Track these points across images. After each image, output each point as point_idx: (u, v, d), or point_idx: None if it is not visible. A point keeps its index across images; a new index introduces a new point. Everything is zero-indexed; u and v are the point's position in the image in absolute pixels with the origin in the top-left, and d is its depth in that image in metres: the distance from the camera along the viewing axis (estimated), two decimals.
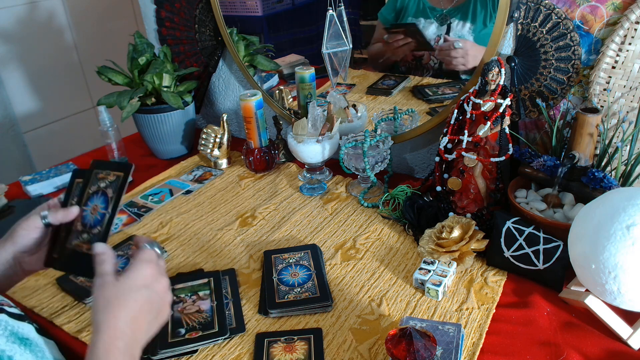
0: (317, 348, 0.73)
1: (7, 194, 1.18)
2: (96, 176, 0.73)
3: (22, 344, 0.56)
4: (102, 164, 0.75)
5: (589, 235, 0.70)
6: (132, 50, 1.32)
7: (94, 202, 0.71)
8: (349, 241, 0.98)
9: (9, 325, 0.56)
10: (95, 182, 0.73)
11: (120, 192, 0.70)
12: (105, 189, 0.71)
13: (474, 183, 0.95)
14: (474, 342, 0.73)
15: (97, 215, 0.70)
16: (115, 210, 0.69)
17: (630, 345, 0.72)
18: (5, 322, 0.56)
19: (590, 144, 0.86)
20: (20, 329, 0.57)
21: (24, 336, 0.57)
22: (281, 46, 1.42)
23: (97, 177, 0.73)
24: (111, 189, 0.71)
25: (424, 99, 1.21)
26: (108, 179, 0.72)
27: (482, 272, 0.87)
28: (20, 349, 0.55)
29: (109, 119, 1.29)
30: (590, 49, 0.91)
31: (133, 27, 2.16)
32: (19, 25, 1.79)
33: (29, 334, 0.58)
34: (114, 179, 0.71)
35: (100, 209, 0.70)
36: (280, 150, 1.31)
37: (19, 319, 0.59)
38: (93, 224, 0.70)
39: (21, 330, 0.57)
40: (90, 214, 0.70)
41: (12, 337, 0.55)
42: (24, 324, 0.59)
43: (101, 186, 0.72)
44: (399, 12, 1.16)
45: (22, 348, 0.55)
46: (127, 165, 0.71)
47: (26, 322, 0.60)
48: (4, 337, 0.55)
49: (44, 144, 1.95)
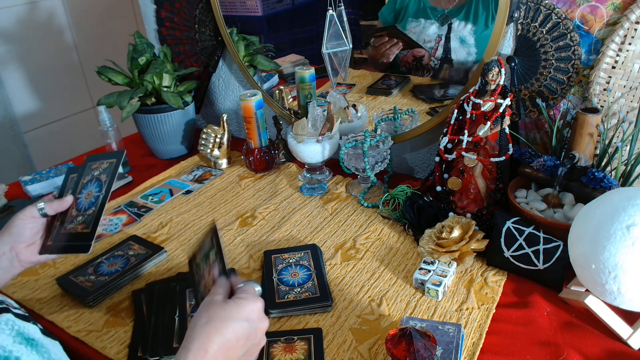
0: (317, 348, 0.73)
1: (7, 194, 1.18)
2: (90, 167, 0.77)
3: (28, 344, 0.56)
4: (95, 156, 0.78)
5: (589, 235, 0.70)
6: (132, 50, 1.32)
7: (88, 189, 0.75)
8: (349, 241, 0.98)
9: (16, 325, 0.56)
10: (89, 173, 0.76)
11: (113, 174, 0.74)
12: (99, 176, 0.75)
13: (474, 183, 0.95)
14: (474, 342, 0.73)
15: (91, 199, 0.74)
16: (108, 191, 0.72)
17: (630, 345, 0.72)
18: (12, 323, 0.56)
19: (590, 144, 0.86)
20: (26, 329, 0.57)
21: (29, 337, 0.57)
22: (281, 46, 1.42)
23: (90, 168, 0.77)
24: (105, 174, 0.74)
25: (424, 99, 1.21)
26: (101, 167, 0.75)
27: (482, 272, 0.87)
28: (27, 350, 0.55)
29: (109, 119, 1.29)
30: (590, 49, 0.91)
31: (133, 27, 2.16)
32: (19, 25, 1.79)
33: (35, 334, 0.58)
34: (107, 166, 0.75)
35: (95, 193, 0.74)
36: (280, 150, 1.31)
37: (24, 319, 0.59)
38: (87, 207, 0.74)
39: (27, 331, 0.57)
40: (85, 199, 0.74)
41: (19, 338, 0.55)
42: (29, 324, 0.59)
43: (95, 174, 0.76)
44: (399, 12, 1.16)
45: (29, 349, 0.55)
46: (119, 152, 0.76)
47: (31, 323, 0.60)
48: (11, 337, 0.55)
49: (44, 144, 1.95)
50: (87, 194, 0.75)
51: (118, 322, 0.81)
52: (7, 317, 0.56)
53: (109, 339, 0.77)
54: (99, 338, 0.78)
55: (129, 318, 0.81)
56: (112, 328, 0.79)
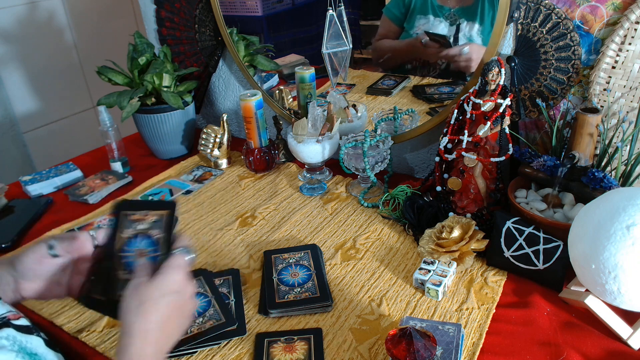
0: (317, 348, 0.73)
1: (7, 194, 1.18)
2: (128, 219, 0.66)
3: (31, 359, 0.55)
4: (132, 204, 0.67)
5: (589, 235, 0.70)
6: (132, 50, 1.32)
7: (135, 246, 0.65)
8: (349, 241, 0.98)
9: (17, 340, 0.56)
10: (128, 226, 0.65)
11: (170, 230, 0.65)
12: (148, 231, 0.65)
13: (474, 183, 0.95)
14: (474, 342, 0.73)
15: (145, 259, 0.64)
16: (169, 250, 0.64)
17: (630, 345, 0.72)
18: (13, 337, 0.55)
19: (590, 144, 0.86)
20: (29, 343, 0.57)
21: (32, 351, 0.56)
22: (281, 46, 1.42)
23: (129, 220, 0.66)
24: (157, 229, 0.65)
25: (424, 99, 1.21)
26: (147, 220, 0.66)
27: (482, 272, 0.87)
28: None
29: (109, 119, 1.29)
30: (590, 49, 0.91)
31: (133, 27, 2.16)
32: (19, 25, 1.79)
33: (38, 348, 0.57)
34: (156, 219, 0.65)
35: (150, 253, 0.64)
36: (280, 150, 1.31)
37: (26, 331, 0.58)
38: None
39: (30, 345, 0.57)
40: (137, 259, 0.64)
41: (22, 353, 0.55)
42: (32, 337, 0.58)
43: (139, 228, 0.66)
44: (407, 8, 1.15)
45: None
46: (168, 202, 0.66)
47: (34, 335, 0.59)
48: (14, 352, 0.54)
49: (44, 144, 1.95)
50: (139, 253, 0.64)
51: (118, 322, 0.81)
52: (7, 332, 0.55)
53: (109, 339, 0.77)
54: (99, 338, 0.78)
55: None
56: (113, 328, 0.79)
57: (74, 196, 1.20)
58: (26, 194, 1.24)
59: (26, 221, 1.10)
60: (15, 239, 1.05)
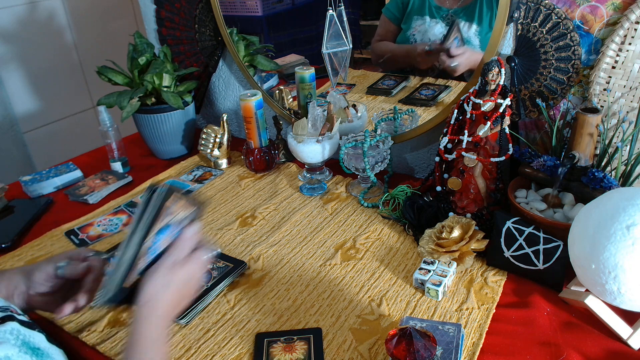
0: (317, 348, 0.73)
1: (7, 194, 1.18)
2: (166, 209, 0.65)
3: (34, 354, 0.55)
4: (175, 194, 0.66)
5: (589, 235, 0.70)
6: (132, 50, 1.32)
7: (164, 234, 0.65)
8: (349, 241, 0.98)
9: (21, 334, 0.55)
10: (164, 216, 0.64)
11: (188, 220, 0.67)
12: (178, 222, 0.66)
13: (474, 183, 0.95)
14: (474, 342, 0.73)
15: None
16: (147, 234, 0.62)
17: (630, 345, 0.72)
18: (17, 331, 0.55)
19: (590, 144, 0.86)
20: (31, 338, 0.57)
21: (35, 346, 0.56)
22: (281, 46, 1.42)
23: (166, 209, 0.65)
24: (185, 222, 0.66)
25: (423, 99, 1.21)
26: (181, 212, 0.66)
27: (482, 272, 0.87)
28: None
29: (109, 119, 1.29)
30: (590, 49, 0.91)
31: (133, 27, 2.16)
32: (19, 25, 1.79)
33: (40, 343, 0.57)
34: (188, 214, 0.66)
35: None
36: (280, 150, 1.31)
37: (29, 327, 0.58)
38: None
39: (32, 340, 0.56)
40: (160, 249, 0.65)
41: (25, 347, 0.54)
42: (35, 332, 0.58)
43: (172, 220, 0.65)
44: (405, 8, 1.15)
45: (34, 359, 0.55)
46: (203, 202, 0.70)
47: (36, 331, 0.59)
48: (17, 346, 0.54)
49: (44, 144, 1.95)
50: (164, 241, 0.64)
51: (119, 322, 0.81)
52: (12, 326, 0.56)
53: (110, 338, 0.77)
54: (99, 338, 0.78)
55: (130, 318, 0.81)
56: (113, 328, 0.79)
57: (74, 196, 1.20)
58: (26, 194, 1.24)
59: (26, 221, 1.10)
60: (15, 239, 1.05)
